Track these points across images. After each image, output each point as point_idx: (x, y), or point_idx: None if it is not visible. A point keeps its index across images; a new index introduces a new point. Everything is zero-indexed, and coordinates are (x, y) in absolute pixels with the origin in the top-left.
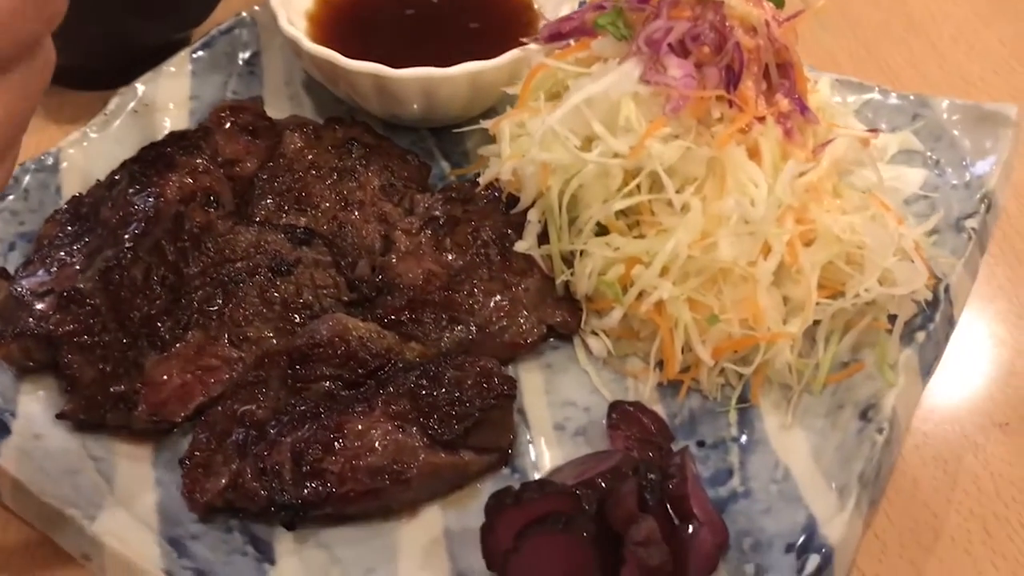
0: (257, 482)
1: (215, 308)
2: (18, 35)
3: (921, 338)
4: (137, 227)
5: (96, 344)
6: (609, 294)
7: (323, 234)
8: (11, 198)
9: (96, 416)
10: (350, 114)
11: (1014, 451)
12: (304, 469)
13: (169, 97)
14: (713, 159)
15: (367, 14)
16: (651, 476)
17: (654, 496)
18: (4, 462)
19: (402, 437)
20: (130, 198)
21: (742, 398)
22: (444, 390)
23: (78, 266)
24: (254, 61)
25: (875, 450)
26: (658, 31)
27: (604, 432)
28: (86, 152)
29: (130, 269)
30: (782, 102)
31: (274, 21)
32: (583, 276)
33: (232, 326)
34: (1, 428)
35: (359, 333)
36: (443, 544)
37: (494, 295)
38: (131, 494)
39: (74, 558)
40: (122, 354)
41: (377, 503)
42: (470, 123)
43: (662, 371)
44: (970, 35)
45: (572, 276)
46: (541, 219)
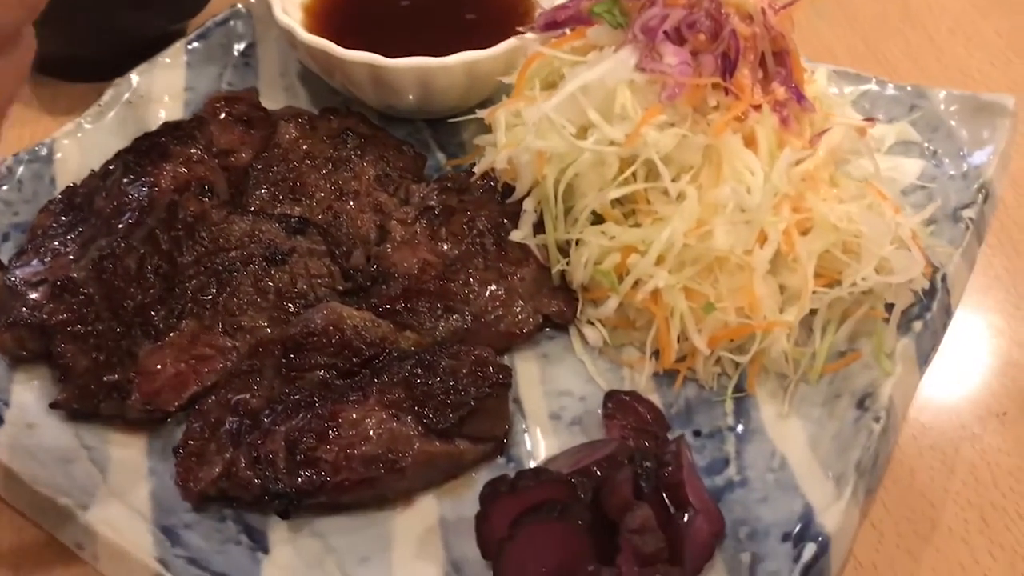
0: (251, 471)
1: (209, 297)
2: None
3: (918, 327)
4: (131, 216)
5: (90, 333)
6: (605, 283)
7: (318, 224)
8: (5, 188)
9: (89, 405)
10: (346, 105)
11: (1012, 441)
12: (298, 458)
13: (164, 88)
14: (709, 147)
15: (362, 4)
16: (646, 464)
17: (649, 484)
18: None
19: (397, 426)
20: (124, 188)
21: (738, 387)
22: (439, 379)
23: (72, 256)
24: (249, 52)
25: (872, 439)
26: (654, 19)
27: (600, 421)
28: (80, 143)
29: (124, 258)
30: (778, 90)
31: (269, 12)
32: (579, 265)
33: (226, 315)
34: None
35: (354, 322)
36: (438, 533)
37: (490, 285)
38: (124, 483)
39: (67, 548)
40: (116, 343)
41: (372, 492)
42: (466, 114)
43: (658, 360)
44: (967, 27)
45: (568, 265)
46: (537, 208)
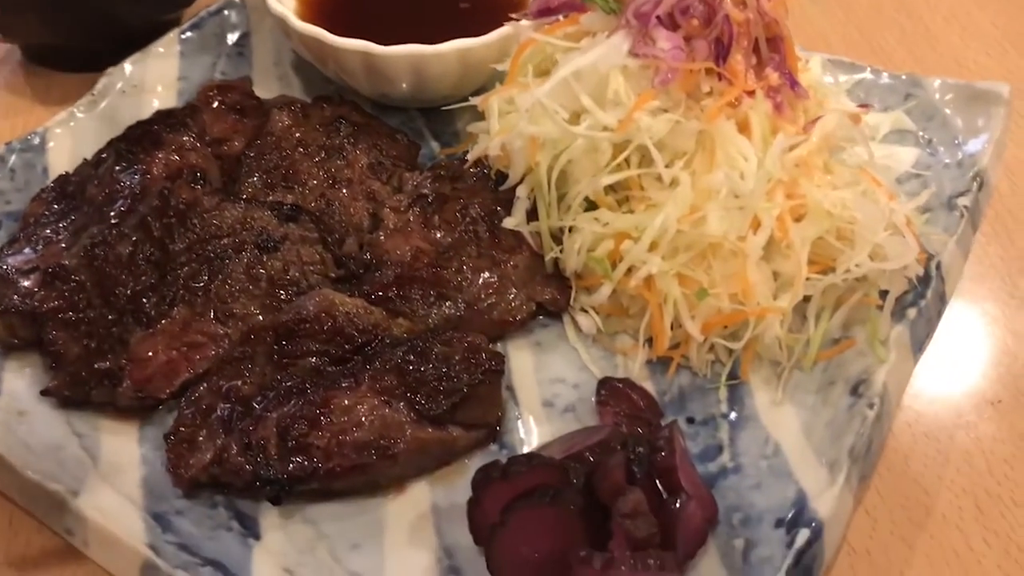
0: (242, 457)
1: (201, 284)
2: None
3: (912, 314)
4: (123, 204)
5: (81, 320)
6: (598, 270)
7: (311, 211)
8: None
9: (81, 393)
10: (339, 94)
11: (1006, 429)
12: (290, 444)
13: (157, 78)
14: (702, 133)
15: None
16: (639, 450)
17: (642, 469)
18: None
19: (389, 412)
20: (116, 175)
21: (732, 375)
22: (431, 365)
23: (64, 244)
24: (243, 42)
25: (866, 425)
26: (647, 4)
27: (593, 409)
28: (73, 132)
29: (115, 245)
30: (772, 76)
31: (263, 1)
32: (572, 252)
33: (218, 302)
34: None
35: (346, 309)
36: (430, 520)
37: (483, 272)
38: (116, 470)
39: (57, 535)
40: (107, 330)
41: (364, 478)
42: (460, 102)
43: (651, 348)
44: (963, 17)
45: (561, 253)
46: (530, 195)
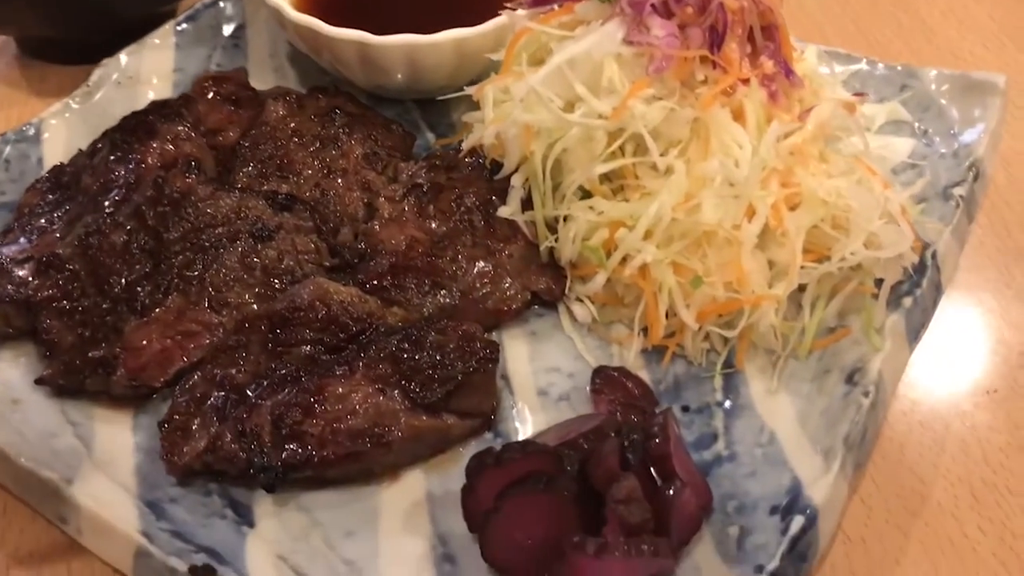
0: (236, 444)
1: (195, 273)
2: None
3: (908, 303)
4: (117, 193)
5: (75, 309)
6: (593, 259)
7: (305, 200)
8: None
9: (75, 381)
10: (334, 85)
11: (1002, 418)
12: (284, 432)
13: (153, 69)
14: (697, 121)
15: None
16: (634, 436)
17: (636, 456)
18: None
19: (383, 400)
20: (111, 165)
21: (727, 364)
22: (426, 353)
23: (58, 234)
24: (239, 34)
25: (861, 413)
26: None
27: (588, 397)
28: (68, 123)
29: (110, 234)
30: (766, 64)
31: None
32: (567, 241)
33: (212, 291)
34: None
35: (340, 297)
36: (425, 508)
37: (477, 261)
38: (109, 458)
39: (51, 524)
40: (101, 319)
41: (358, 466)
42: (456, 93)
43: (646, 337)
44: (960, 11)
45: (556, 242)
46: (525, 185)
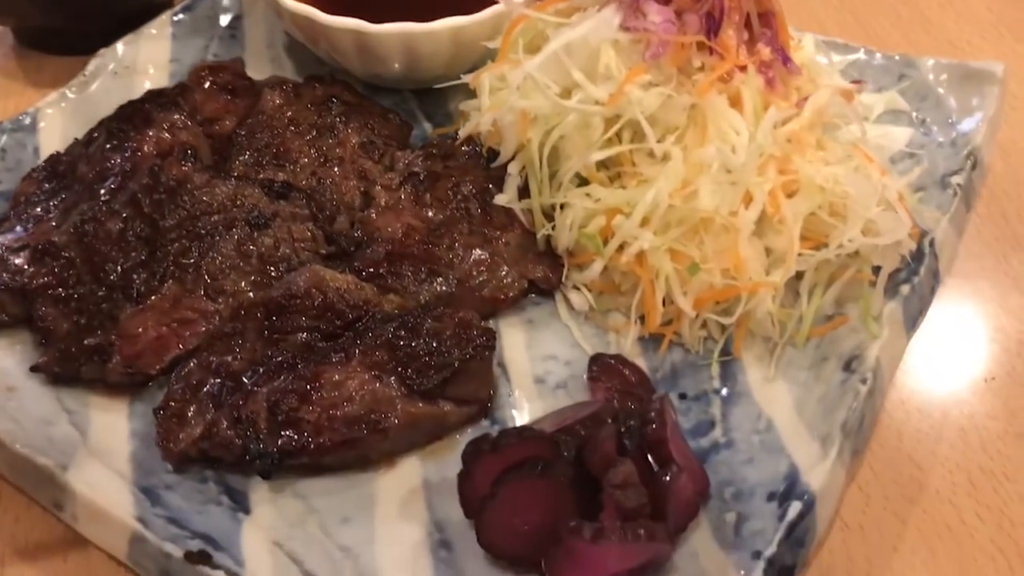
0: (232, 431)
1: (191, 261)
2: None
3: (906, 291)
4: (113, 181)
5: (70, 297)
6: (590, 246)
7: (301, 189)
8: None
9: (71, 369)
10: (331, 75)
11: (1000, 405)
12: (280, 418)
13: (149, 59)
14: (694, 107)
15: None
16: (630, 423)
17: (633, 442)
18: None
19: (379, 387)
20: (107, 153)
21: (724, 352)
22: (422, 340)
23: (54, 222)
24: (236, 25)
25: (858, 400)
26: None
27: (585, 385)
28: (65, 113)
29: (105, 222)
30: (763, 51)
31: None
32: (564, 229)
33: (208, 279)
34: None
35: (336, 284)
36: (421, 494)
37: (474, 249)
38: (105, 445)
39: (47, 512)
40: (97, 307)
41: (354, 453)
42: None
43: (644, 325)
44: (958, 2)
45: (553, 230)
46: (521, 172)
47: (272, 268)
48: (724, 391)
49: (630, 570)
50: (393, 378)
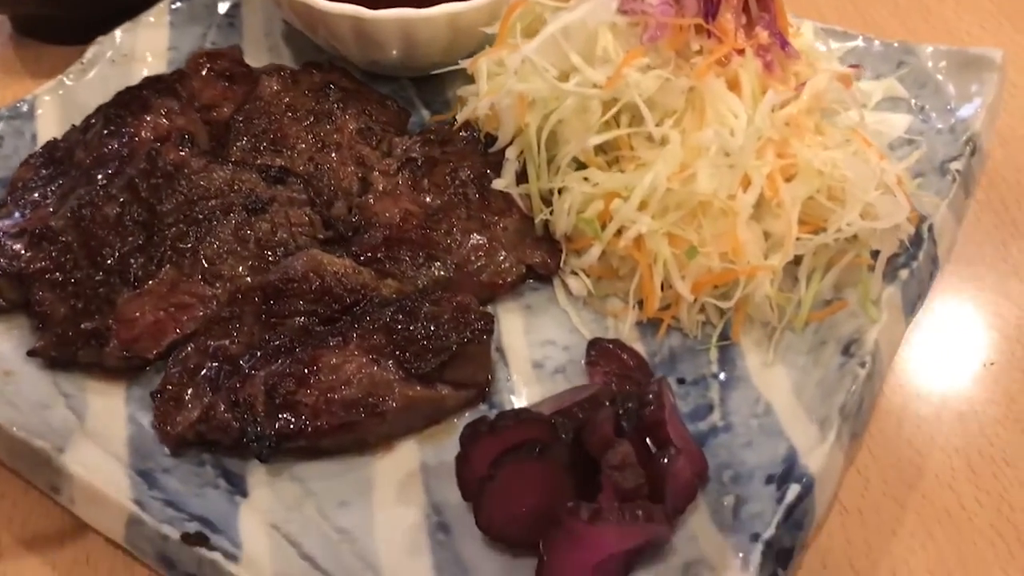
0: (229, 414)
1: (188, 245)
2: None
3: (904, 275)
4: (110, 166)
5: (68, 281)
6: (588, 231)
7: (299, 174)
8: None
9: (68, 353)
10: (329, 62)
11: (999, 390)
12: (277, 401)
13: (147, 47)
14: (692, 91)
15: None
16: (628, 405)
17: (631, 424)
18: None
19: (377, 370)
20: (104, 139)
21: (723, 336)
22: (420, 324)
23: (51, 207)
24: (234, 13)
25: (857, 383)
26: None
27: (583, 370)
28: (62, 100)
29: (102, 207)
30: (762, 34)
31: None
32: (562, 213)
33: (205, 263)
34: None
35: (334, 269)
36: (419, 478)
37: (472, 234)
38: (102, 429)
39: (45, 497)
40: (94, 291)
41: (352, 436)
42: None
43: (642, 310)
44: None
45: (551, 215)
46: (519, 157)
47: (269, 253)
48: (722, 376)
49: (628, 551)
50: (391, 362)
